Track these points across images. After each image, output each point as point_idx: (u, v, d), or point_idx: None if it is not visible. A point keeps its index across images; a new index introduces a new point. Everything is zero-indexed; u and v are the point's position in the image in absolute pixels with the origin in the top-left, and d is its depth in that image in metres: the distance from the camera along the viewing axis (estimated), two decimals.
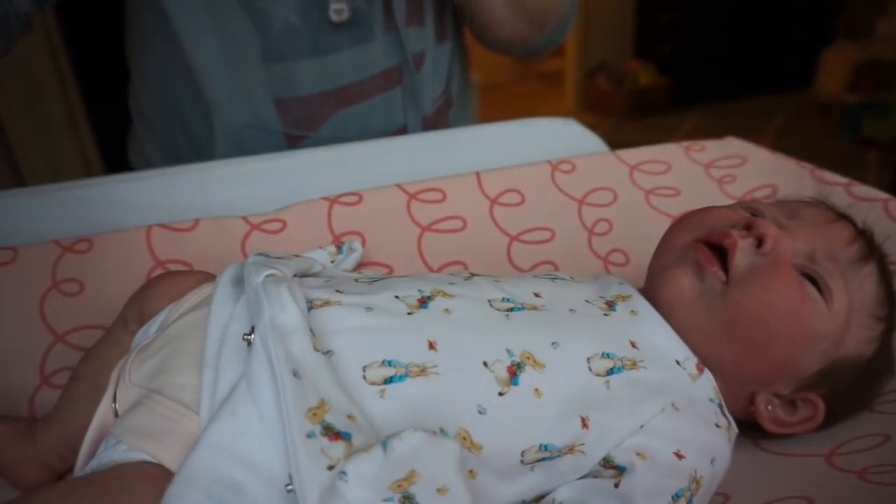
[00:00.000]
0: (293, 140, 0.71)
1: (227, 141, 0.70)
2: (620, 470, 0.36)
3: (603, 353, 0.40)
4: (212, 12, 0.64)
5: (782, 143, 1.57)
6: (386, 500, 0.29)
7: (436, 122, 0.79)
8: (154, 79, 0.72)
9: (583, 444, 0.37)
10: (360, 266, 0.55)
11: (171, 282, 0.46)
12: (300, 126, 0.71)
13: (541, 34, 0.73)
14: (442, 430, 0.34)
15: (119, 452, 0.34)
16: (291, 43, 0.67)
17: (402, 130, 0.76)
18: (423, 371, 0.36)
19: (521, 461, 0.36)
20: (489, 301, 0.42)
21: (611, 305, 0.44)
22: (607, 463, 0.37)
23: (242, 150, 0.70)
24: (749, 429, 0.44)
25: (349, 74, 0.70)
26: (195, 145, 0.73)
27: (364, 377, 0.35)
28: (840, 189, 0.63)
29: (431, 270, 0.59)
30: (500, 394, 0.36)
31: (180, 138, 0.74)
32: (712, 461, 0.39)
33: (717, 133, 0.77)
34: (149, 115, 0.75)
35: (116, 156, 0.84)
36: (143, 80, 0.74)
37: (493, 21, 0.70)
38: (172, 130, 0.74)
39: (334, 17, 0.66)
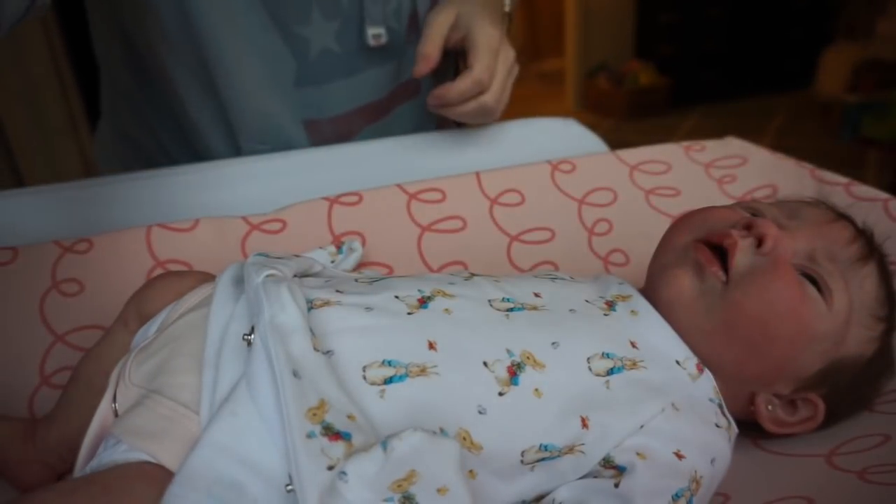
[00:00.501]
0: None
1: None
2: (620, 470, 0.36)
3: (603, 353, 0.40)
4: (253, 42, 0.63)
5: (782, 143, 1.57)
6: (386, 500, 0.29)
7: (447, 128, 0.79)
8: (153, 105, 0.71)
9: (583, 444, 0.37)
10: (360, 266, 0.55)
11: (171, 282, 0.46)
12: (328, 145, 0.71)
13: None
14: (442, 430, 0.34)
15: (119, 452, 0.34)
16: (326, 67, 0.66)
17: None
18: (423, 371, 0.36)
19: (521, 461, 0.36)
20: (489, 301, 0.42)
21: (611, 305, 0.44)
22: (607, 463, 0.37)
23: None
24: (749, 429, 0.44)
25: (377, 91, 0.70)
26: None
27: (364, 377, 0.35)
28: (840, 189, 0.63)
29: (431, 270, 0.59)
30: (500, 394, 0.36)
31: (184, 161, 0.72)
32: (712, 461, 0.39)
33: (717, 133, 0.77)
34: (141, 140, 0.74)
35: None
36: (133, 105, 0.73)
37: None
38: (172, 153, 0.73)
39: (372, 42, 0.65)
